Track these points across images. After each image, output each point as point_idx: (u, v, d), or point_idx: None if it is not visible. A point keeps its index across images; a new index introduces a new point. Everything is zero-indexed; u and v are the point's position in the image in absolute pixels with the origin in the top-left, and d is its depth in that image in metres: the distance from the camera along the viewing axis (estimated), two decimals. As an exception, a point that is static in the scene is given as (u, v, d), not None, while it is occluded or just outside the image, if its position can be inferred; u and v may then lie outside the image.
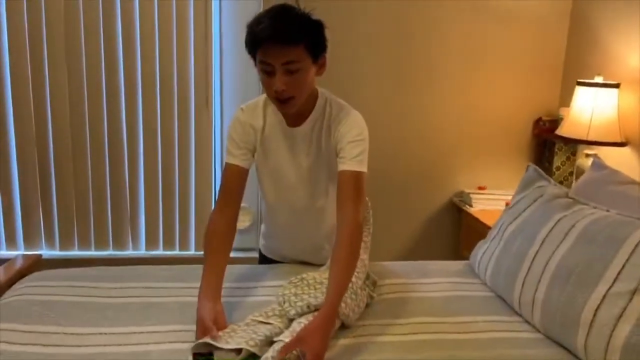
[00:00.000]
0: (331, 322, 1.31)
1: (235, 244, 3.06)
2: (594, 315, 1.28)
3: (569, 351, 1.37)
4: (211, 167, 2.93)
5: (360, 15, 2.77)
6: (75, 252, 2.90)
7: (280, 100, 1.45)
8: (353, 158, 1.50)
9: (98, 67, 2.73)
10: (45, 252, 2.86)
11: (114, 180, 2.84)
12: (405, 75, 2.86)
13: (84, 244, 2.90)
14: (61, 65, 2.71)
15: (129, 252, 2.93)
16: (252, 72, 2.79)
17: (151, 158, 2.85)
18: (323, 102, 1.58)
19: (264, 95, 1.60)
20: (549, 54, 2.91)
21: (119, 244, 2.92)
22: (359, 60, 2.78)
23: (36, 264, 1.92)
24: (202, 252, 3.01)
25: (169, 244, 2.94)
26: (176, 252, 2.95)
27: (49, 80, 2.72)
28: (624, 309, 1.23)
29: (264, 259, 1.92)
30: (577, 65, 2.81)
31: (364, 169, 1.51)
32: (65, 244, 2.89)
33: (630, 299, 1.23)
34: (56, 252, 2.88)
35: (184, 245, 2.96)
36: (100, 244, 2.90)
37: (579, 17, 2.80)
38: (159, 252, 2.94)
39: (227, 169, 1.59)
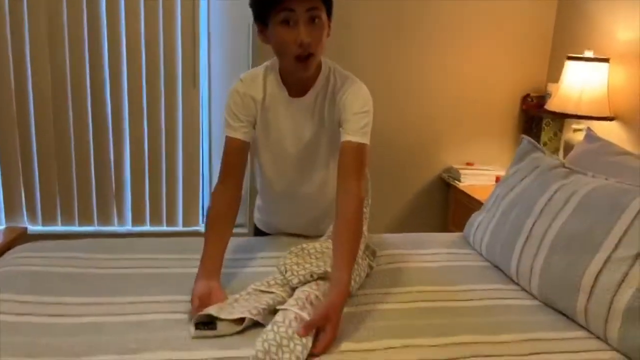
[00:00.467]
0: (345, 296, 1.28)
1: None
2: (595, 280, 1.30)
3: (568, 317, 1.39)
4: (199, 142, 2.88)
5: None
6: (59, 228, 2.83)
7: (302, 57, 1.39)
8: (357, 130, 1.46)
9: (82, 43, 2.65)
10: (28, 228, 2.79)
11: (98, 154, 2.78)
12: (393, 52, 2.84)
13: (67, 219, 2.83)
14: (43, 41, 2.62)
15: (115, 228, 2.88)
16: (240, 50, 2.78)
17: (137, 134, 2.79)
18: (327, 72, 1.53)
19: (264, 65, 1.56)
20: (538, 30, 2.92)
21: (104, 219, 2.86)
22: (346, 37, 2.75)
23: (22, 237, 1.88)
24: (189, 228, 3.02)
25: (155, 219, 2.90)
26: (163, 228, 2.91)
27: (30, 55, 2.63)
28: (626, 274, 1.25)
29: (259, 233, 1.90)
30: (566, 41, 2.82)
31: (367, 141, 1.47)
32: (48, 219, 2.82)
33: (632, 264, 1.25)
34: (39, 228, 2.81)
35: (171, 221, 2.91)
36: (85, 219, 2.84)
37: (569, -8, 2.81)
38: (146, 227, 2.90)
39: (229, 143, 1.54)
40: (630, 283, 1.24)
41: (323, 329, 1.21)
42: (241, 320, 1.24)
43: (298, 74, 1.47)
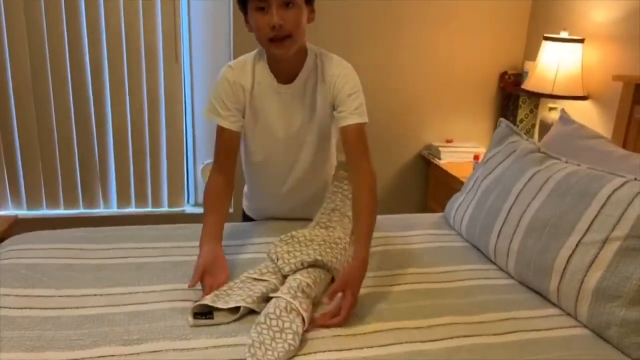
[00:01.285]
0: (365, 264, 1.40)
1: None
2: (567, 262, 1.39)
3: (542, 295, 1.49)
4: (182, 122, 2.89)
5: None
6: (44, 211, 2.85)
7: (277, 39, 1.43)
8: (355, 110, 1.53)
9: (60, 24, 2.62)
10: (12, 212, 2.80)
11: (81, 137, 2.79)
12: (372, 29, 2.87)
13: (52, 203, 2.85)
14: (21, 23, 2.59)
15: (100, 210, 2.91)
16: (221, 26, 2.77)
17: (120, 114, 2.79)
18: (313, 57, 1.58)
19: (253, 53, 1.59)
20: (515, 9, 2.97)
21: (89, 202, 2.89)
22: (323, 16, 2.73)
23: (14, 226, 1.90)
24: (174, 209, 3.05)
25: (140, 201, 2.93)
26: (149, 209, 2.95)
27: (7, 37, 2.60)
28: (596, 256, 1.34)
29: (247, 220, 1.95)
30: (542, 20, 2.88)
31: (366, 119, 1.55)
32: (33, 203, 2.83)
33: (601, 248, 1.34)
34: (24, 212, 2.83)
35: (156, 202, 2.95)
36: (70, 202, 2.86)
37: (545, -29, 2.85)
38: (131, 209, 2.93)
39: (221, 133, 1.59)
40: (599, 265, 1.33)
41: (343, 298, 1.32)
42: (237, 308, 1.31)
43: (276, 55, 1.50)
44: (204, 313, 1.30)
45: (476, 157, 2.70)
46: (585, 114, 2.49)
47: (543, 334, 1.32)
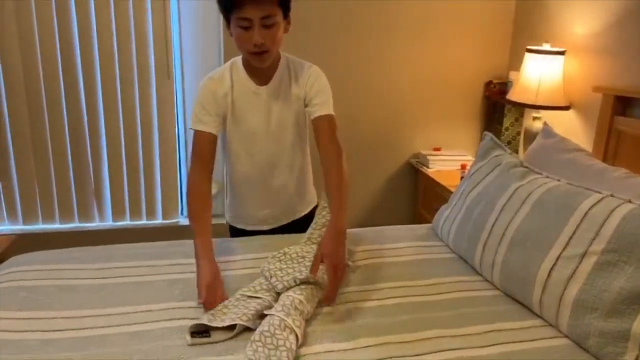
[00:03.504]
0: (341, 234, 1.53)
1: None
2: (548, 275, 1.45)
3: (526, 306, 1.55)
4: (175, 135, 2.93)
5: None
6: (40, 226, 2.88)
7: (257, 53, 1.59)
8: (325, 103, 1.71)
9: (53, 39, 2.65)
10: (8, 227, 2.83)
11: (75, 152, 2.82)
12: (359, 39, 2.93)
13: (48, 217, 2.88)
14: (13, 38, 2.61)
15: (96, 224, 2.94)
16: (212, 42, 2.82)
17: (113, 129, 2.83)
18: (285, 61, 1.75)
19: (229, 63, 1.74)
20: (499, 20, 3.04)
21: (84, 216, 2.92)
22: (311, 24, 2.80)
23: (14, 245, 1.92)
24: (169, 221, 3.09)
25: (135, 214, 2.97)
26: (143, 222, 2.98)
27: (0, 56, 2.63)
28: (575, 270, 1.40)
29: (235, 232, 2.01)
30: (525, 31, 2.95)
31: (333, 112, 1.73)
32: (28, 218, 2.86)
33: (580, 262, 1.40)
34: (20, 227, 2.86)
35: (150, 215, 2.99)
36: (66, 216, 2.90)
37: (528, -17, 2.92)
38: (126, 222, 2.97)
39: (199, 137, 1.71)
40: (578, 278, 1.39)
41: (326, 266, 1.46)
42: (233, 326, 1.36)
43: (257, 65, 1.66)
44: (201, 332, 1.35)
45: (463, 167, 2.76)
46: (567, 123, 2.56)
47: (526, 345, 1.38)
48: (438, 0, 2.94)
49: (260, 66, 1.66)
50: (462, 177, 2.14)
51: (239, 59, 1.74)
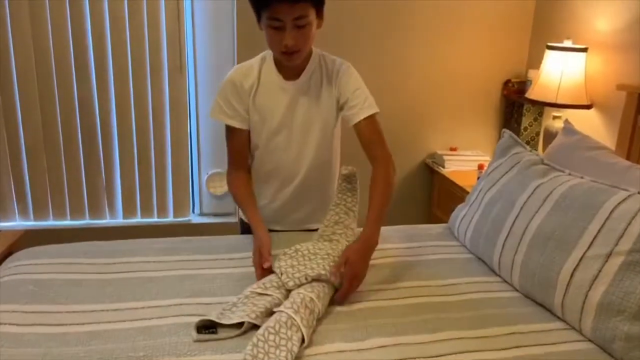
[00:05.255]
0: (370, 248, 1.52)
1: (213, 209, 3.12)
2: (571, 277, 1.39)
3: (547, 309, 1.49)
4: (187, 132, 2.91)
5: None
6: (51, 222, 2.87)
7: (287, 53, 1.54)
8: (364, 103, 1.64)
9: (66, 35, 2.64)
10: (19, 223, 2.82)
11: (87, 148, 2.81)
12: (376, 38, 2.88)
13: (59, 213, 2.87)
14: (27, 35, 2.61)
15: (106, 221, 2.93)
16: (225, 37, 2.79)
17: (125, 125, 2.81)
18: (317, 57, 1.68)
19: (259, 56, 1.69)
20: (518, 17, 2.98)
21: (95, 212, 2.91)
22: (326, 25, 2.74)
23: (21, 240, 1.92)
24: (181, 219, 3.06)
25: (146, 211, 2.95)
26: (154, 220, 2.96)
27: (14, 51, 2.62)
28: (599, 271, 1.34)
29: (245, 227, 1.95)
30: (545, 28, 2.88)
31: (376, 109, 1.66)
32: (39, 214, 2.85)
33: (605, 262, 1.34)
34: (31, 223, 2.85)
35: (162, 212, 2.97)
36: (76, 213, 2.88)
37: (548, -21, 2.85)
38: (137, 219, 2.94)
39: (231, 133, 1.71)
40: (602, 280, 1.33)
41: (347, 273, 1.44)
42: (241, 324, 1.31)
43: (288, 64, 1.62)
44: (207, 327, 1.31)
45: (480, 167, 2.70)
46: (589, 122, 2.49)
47: (548, 348, 1.32)
48: (455, -2, 2.89)
49: (291, 65, 1.61)
50: (478, 178, 2.08)
51: (270, 53, 1.68)
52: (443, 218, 2.72)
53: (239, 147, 1.72)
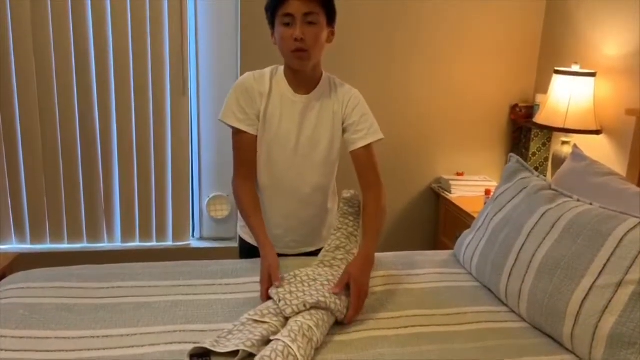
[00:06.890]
0: (369, 263, 1.55)
1: (213, 234, 3.07)
2: (580, 307, 1.33)
3: (555, 340, 1.42)
4: (188, 156, 2.88)
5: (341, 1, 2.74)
6: (48, 245, 2.83)
7: (297, 51, 1.57)
8: (370, 129, 1.69)
9: (69, 55, 2.64)
10: (16, 246, 2.78)
11: (86, 171, 2.78)
12: (383, 62, 2.86)
13: (56, 236, 2.83)
14: (28, 53, 2.61)
15: (104, 245, 2.88)
16: (229, 59, 2.78)
17: (126, 148, 2.79)
18: (327, 78, 1.74)
19: (270, 68, 1.73)
20: (526, 41, 2.96)
21: (93, 236, 2.86)
22: (337, 46, 2.74)
23: (16, 263, 1.88)
24: (180, 243, 3.02)
25: (145, 235, 2.90)
26: (153, 244, 2.91)
27: (15, 70, 2.62)
28: (610, 301, 1.28)
29: (244, 247, 1.91)
30: (553, 53, 2.86)
31: (380, 135, 1.72)
32: (36, 237, 2.82)
33: (615, 292, 1.28)
34: (27, 246, 2.81)
35: (161, 236, 2.92)
36: (74, 236, 2.84)
37: (556, 4, 2.84)
38: (136, 243, 2.90)
39: (239, 137, 1.69)
40: (613, 310, 1.27)
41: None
42: (236, 352, 1.26)
43: (295, 67, 1.63)
44: (201, 355, 1.26)
45: (487, 192, 2.65)
46: (599, 148, 2.44)
47: (557, 382, 1.26)
48: (462, 22, 2.87)
49: (300, 68, 1.63)
50: (485, 203, 2.03)
51: (281, 67, 1.71)
52: (449, 245, 2.67)
53: (247, 154, 1.70)
